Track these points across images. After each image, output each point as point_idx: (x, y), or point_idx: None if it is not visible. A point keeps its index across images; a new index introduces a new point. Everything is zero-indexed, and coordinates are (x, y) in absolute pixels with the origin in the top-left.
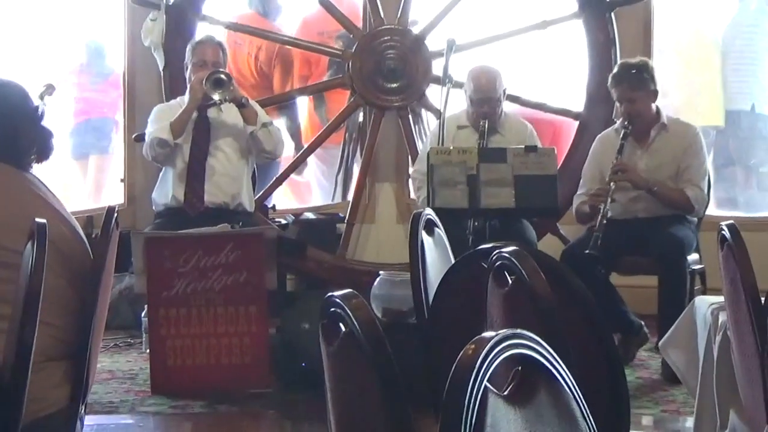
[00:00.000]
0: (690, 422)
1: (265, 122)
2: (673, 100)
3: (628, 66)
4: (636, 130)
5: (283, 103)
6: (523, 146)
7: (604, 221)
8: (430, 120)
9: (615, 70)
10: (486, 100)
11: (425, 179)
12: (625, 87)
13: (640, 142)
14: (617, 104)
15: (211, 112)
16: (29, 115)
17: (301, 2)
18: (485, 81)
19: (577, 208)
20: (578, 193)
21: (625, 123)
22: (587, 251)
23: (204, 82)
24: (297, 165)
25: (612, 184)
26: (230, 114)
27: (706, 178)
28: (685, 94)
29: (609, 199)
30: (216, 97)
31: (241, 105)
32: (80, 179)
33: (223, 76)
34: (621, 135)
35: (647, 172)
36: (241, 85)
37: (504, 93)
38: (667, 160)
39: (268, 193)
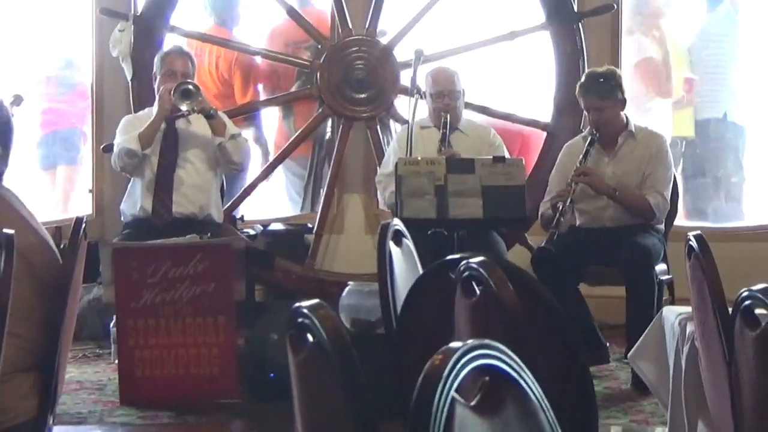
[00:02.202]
0: None
1: (233, 134)
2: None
3: (596, 75)
4: (603, 137)
5: (249, 114)
6: (491, 157)
7: (562, 219)
8: (398, 130)
9: (582, 79)
10: (446, 93)
11: (391, 179)
12: (592, 96)
13: (607, 150)
14: (585, 113)
15: (180, 123)
16: (4, 128)
17: (263, 11)
18: (443, 75)
19: (541, 213)
20: (544, 200)
21: (594, 131)
22: (542, 245)
23: (172, 92)
24: (266, 175)
25: (573, 185)
26: (199, 125)
27: (670, 186)
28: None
29: (569, 199)
30: (184, 107)
31: (210, 116)
32: (49, 190)
33: (191, 86)
34: (587, 141)
35: (614, 180)
36: (204, 95)
37: (463, 93)
38: (634, 167)
39: (237, 203)
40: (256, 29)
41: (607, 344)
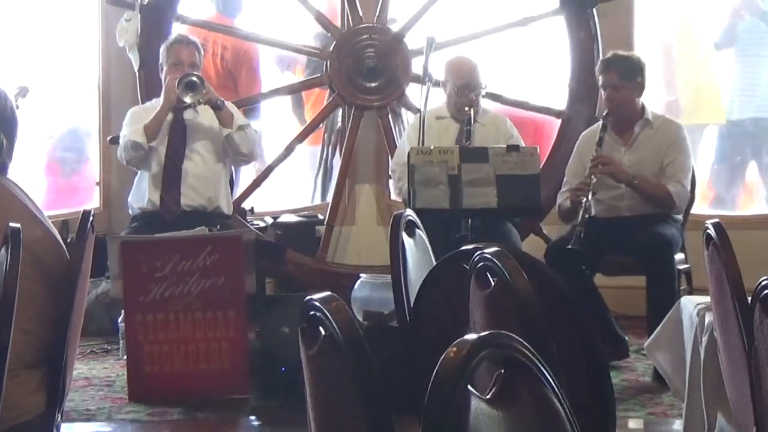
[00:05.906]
0: (677, 425)
1: (241, 125)
2: (674, 97)
3: (620, 56)
4: (620, 125)
5: (251, 106)
6: (504, 146)
7: (586, 216)
8: (410, 119)
9: (607, 55)
10: (471, 87)
11: (405, 169)
12: (612, 74)
13: (623, 138)
14: (601, 92)
15: (187, 115)
16: (9, 119)
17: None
18: (468, 69)
19: (560, 205)
20: (562, 190)
21: (605, 113)
22: (569, 246)
23: (176, 85)
24: (275, 166)
25: (593, 177)
26: (206, 116)
27: (690, 175)
28: (689, 91)
29: (590, 193)
30: (188, 100)
31: (217, 107)
32: (57, 182)
33: (195, 78)
34: (601, 127)
35: (630, 168)
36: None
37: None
38: (650, 156)
39: (246, 195)
40: (263, 18)
41: (626, 338)
